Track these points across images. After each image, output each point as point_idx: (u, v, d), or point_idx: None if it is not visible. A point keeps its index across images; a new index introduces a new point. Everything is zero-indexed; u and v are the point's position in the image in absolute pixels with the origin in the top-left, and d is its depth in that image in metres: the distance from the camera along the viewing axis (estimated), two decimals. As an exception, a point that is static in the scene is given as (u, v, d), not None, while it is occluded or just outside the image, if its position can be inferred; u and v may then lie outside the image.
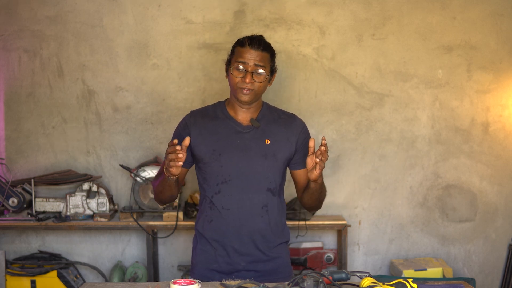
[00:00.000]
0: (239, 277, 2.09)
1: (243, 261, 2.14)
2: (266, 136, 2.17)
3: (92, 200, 3.30)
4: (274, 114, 2.25)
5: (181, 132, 2.18)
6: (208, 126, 2.17)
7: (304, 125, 2.27)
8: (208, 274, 2.15)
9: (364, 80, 3.37)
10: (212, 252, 2.16)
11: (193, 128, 2.17)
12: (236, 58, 2.12)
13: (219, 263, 2.15)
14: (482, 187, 3.39)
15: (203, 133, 2.15)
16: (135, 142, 3.43)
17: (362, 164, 3.40)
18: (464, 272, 3.40)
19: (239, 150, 2.13)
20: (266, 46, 2.14)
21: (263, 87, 2.15)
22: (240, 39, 2.15)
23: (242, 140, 2.15)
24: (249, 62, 2.09)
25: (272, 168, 2.15)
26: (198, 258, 2.19)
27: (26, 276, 3.23)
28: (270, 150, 2.15)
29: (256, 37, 2.15)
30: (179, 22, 3.38)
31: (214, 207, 2.14)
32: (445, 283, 1.92)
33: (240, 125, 2.18)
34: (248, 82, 2.08)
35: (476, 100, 3.37)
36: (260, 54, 2.10)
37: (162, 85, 3.41)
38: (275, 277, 2.15)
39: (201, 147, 2.14)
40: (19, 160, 3.45)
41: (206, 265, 2.16)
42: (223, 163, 2.12)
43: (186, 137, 1.95)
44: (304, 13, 3.35)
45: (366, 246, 3.43)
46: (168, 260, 3.45)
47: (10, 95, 3.44)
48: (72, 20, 3.40)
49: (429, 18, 3.34)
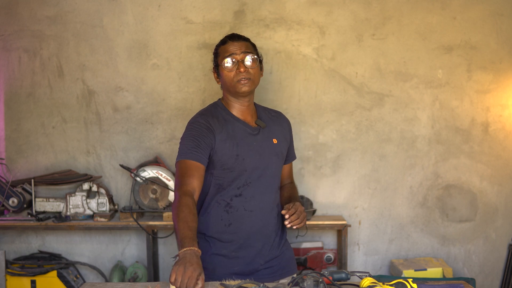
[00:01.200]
0: (258, 276, 2.10)
1: (262, 260, 2.14)
2: (272, 135, 2.20)
3: (92, 200, 3.30)
4: (267, 113, 2.28)
5: (207, 134, 2.07)
6: (226, 130, 2.11)
7: (289, 122, 2.36)
8: (230, 278, 2.03)
9: (364, 80, 3.37)
10: (231, 255, 2.11)
11: (217, 132, 2.09)
12: (223, 55, 2.12)
13: (240, 266, 2.11)
14: (482, 187, 3.39)
15: (224, 138, 2.09)
16: (135, 142, 3.43)
17: (362, 164, 3.40)
18: (464, 272, 3.40)
19: (256, 152, 2.13)
20: (246, 38, 2.18)
21: (258, 75, 2.17)
22: (219, 42, 2.18)
23: (257, 142, 2.15)
24: (236, 51, 2.10)
25: (280, 166, 2.23)
26: (216, 263, 2.11)
27: (26, 276, 3.23)
28: (278, 149, 2.20)
29: (233, 33, 2.20)
30: (179, 22, 3.38)
31: (233, 210, 2.10)
32: (445, 283, 1.92)
33: (250, 126, 2.16)
34: (243, 70, 2.09)
35: (476, 100, 3.37)
36: (243, 43, 2.13)
37: (162, 85, 3.41)
38: (286, 271, 2.20)
39: (225, 151, 2.08)
40: (19, 160, 3.45)
41: (226, 270, 2.10)
42: (247, 167, 2.10)
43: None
44: (304, 13, 3.35)
45: (366, 246, 3.43)
46: (168, 260, 3.45)
47: (10, 95, 3.44)
48: (72, 20, 3.40)
49: (429, 18, 3.34)
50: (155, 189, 3.23)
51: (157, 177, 3.22)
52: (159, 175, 3.21)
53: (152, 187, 3.24)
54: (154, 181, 3.22)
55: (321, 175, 3.38)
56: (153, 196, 3.25)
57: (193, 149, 2.04)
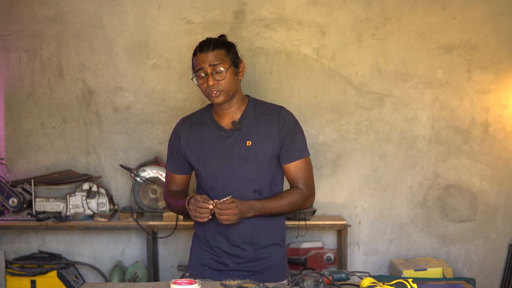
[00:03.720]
0: (230, 274, 2.15)
1: (231, 261, 2.20)
2: (248, 137, 2.18)
3: (92, 200, 3.30)
4: (259, 111, 2.23)
5: (174, 142, 2.30)
6: (194, 134, 2.25)
7: (290, 117, 2.23)
8: (199, 268, 2.24)
9: (364, 80, 3.37)
10: (205, 248, 2.24)
11: (183, 137, 2.27)
12: (195, 68, 2.18)
13: (210, 260, 2.23)
14: (482, 187, 3.39)
15: (190, 142, 2.25)
16: (135, 142, 3.43)
17: (362, 164, 3.40)
18: (464, 272, 3.40)
19: (221, 156, 2.18)
20: (217, 44, 2.17)
21: (231, 83, 2.15)
22: (193, 51, 2.22)
23: (225, 145, 2.19)
24: (204, 65, 2.13)
25: (254, 169, 2.17)
26: (193, 252, 2.29)
27: (26, 276, 3.23)
28: (251, 151, 2.16)
29: (206, 40, 2.20)
30: (179, 22, 3.38)
31: None
32: (445, 283, 1.93)
33: (223, 129, 2.22)
34: (212, 83, 2.11)
35: (476, 100, 3.37)
36: (212, 53, 2.14)
37: (162, 85, 3.41)
38: (267, 276, 2.18)
39: (190, 156, 2.26)
40: (19, 160, 3.45)
41: (199, 260, 2.25)
42: (208, 170, 2.20)
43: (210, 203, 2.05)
44: (304, 13, 3.35)
45: (366, 246, 3.43)
46: (168, 260, 3.45)
47: (10, 95, 3.44)
48: (72, 20, 3.40)
49: (429, 18, 3.34)
50: (155, 189, 3.23)
51: (157, 177, 3.22)
52: (159, 175, 3.22)
53: (152, 187, 3.24)
54: (154, 181, 3.22)
55: (321, 175, 3.38)
56: (153, 196, 3.25)
57: (169, 159, 2.34)
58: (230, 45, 2.22)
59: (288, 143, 2.19)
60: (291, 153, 2.20)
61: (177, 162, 2.30)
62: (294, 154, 2.21)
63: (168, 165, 2.34)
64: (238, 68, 2.20)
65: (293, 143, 2.20)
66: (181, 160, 2.29)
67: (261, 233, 2.19)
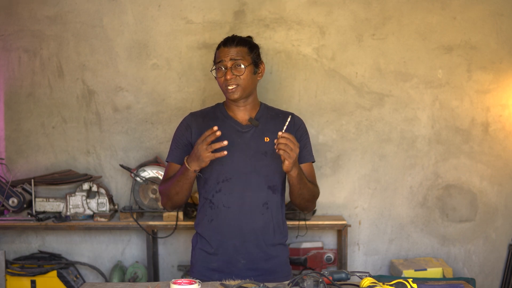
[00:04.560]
0: (239, 276, 2.10)
1: (243, 259, 2.15)
2: (264, 134, 2.19)
3: (92, 200, 3.30)
4: (272, 112, 2.28)
5: (183, 133, 2.23)
6: (208, 127, 2.15)
7: (302, 123, 2.29)
8: (207, 273, 2.16)
9: (364, 80, 3.37)
10: (211, 251, 2.17)
11: (195, 128, 2.21)
12: (216, 61, 2.18)
13: (218, 262, 2.16)
14: (482, 187, 3.39)
15: (203, 133, 2.15)
16: (135, 142, 3.43)
17: (362, 164, 3.40)
18: (464, 272, 3.40)
19: (239, 149, 2.16)
20: (241, 41, 2.18)
21: (249, 80, 2.16)
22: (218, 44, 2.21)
23: (242, 139, 2.18)
24: (225, 59, 2.14)
25: (272, 166, 2.18)
26: (197, 257, 2.21)
27: (26, 276, 3.23)
28: (269, 148, 2.17)
29: (231, 36, 2.20)
30: (179, 22, 3.38)
31: (215, 206, 2.16)
32: (445, 283, 1.93)
33: (239, 124, 2.21)
34: (230, 77, 2.12)
35: (476, 100, 3.37)
36: (234, 49, 2.15)
37: (162, 85, 3.41)
38: (274, 277, 2.16)
39: None
40: (19, 160, 3.45)
41: (205, 264, 2.18)
42: (224, 161, 2.13)
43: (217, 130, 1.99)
44: (304, 13, 3.35)
45: (366, 246, 3.43)
46: (168, 260, 3.45)
47: (10, 95, 3.44)
48: (72, 20, 3.40)
49: (429, 18, 3.34)
50: (155, 189, 3.23)
51: (157, 177, 3.22)
52: (159, 175, 3.22)
53: (152, 187, 3.24)
54: (154, 181, 3.22)
55: (321, 175, 3.38)
56: (153, 196, 3.25)
57: (174, 150, 2.23)
58: (254, 45, 2.23)
59: (302, 145, 2.22)
60: (303, 155, 2.24)
61: (183, 154, 2.20)
62: (305, 156, 2.25)
63: (172, 155, 2.23)
64: (258, 68, 2.22)
65: (305, 147, 2.26)
66: (188, 151, 2.19)
67: (270, 231, 2.18)
